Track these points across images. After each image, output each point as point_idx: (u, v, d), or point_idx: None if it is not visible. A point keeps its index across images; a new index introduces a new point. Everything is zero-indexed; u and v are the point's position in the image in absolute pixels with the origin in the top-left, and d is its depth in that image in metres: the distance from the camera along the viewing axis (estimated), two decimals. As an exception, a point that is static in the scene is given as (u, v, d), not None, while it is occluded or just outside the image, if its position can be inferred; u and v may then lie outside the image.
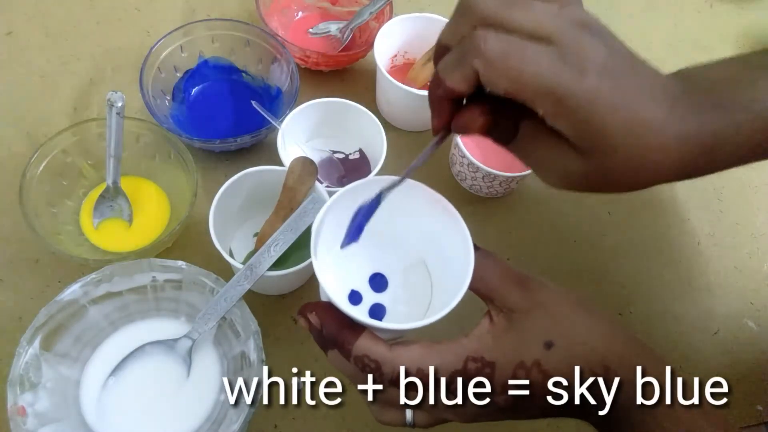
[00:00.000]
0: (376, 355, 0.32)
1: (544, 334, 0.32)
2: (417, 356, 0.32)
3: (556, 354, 0.32)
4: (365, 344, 0.33)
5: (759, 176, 0.75)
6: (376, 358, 0.32)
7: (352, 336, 0.33)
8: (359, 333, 0.33)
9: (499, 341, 0.33)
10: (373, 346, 0.33)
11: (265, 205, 0.57)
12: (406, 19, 0.69)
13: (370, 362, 0.33)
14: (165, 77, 0.65)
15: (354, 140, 0.66)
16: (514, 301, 0.33)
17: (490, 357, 0.32)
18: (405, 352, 0.32)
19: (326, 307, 0.35)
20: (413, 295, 0.40)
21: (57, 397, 0.48)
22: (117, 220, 0.60)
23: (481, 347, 0.32)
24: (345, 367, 0.35)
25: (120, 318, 0.53)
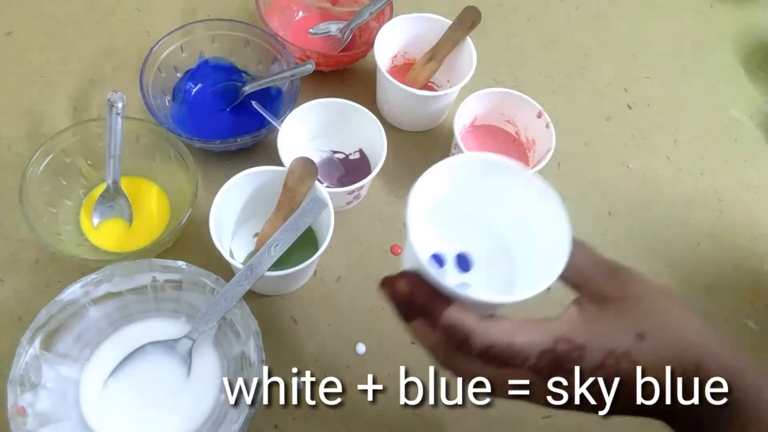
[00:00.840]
0: (466, 325, 0.32)
1: (636, 325, 0.32)
2: (507, 330, 0.32)
3: (648, 346, 0.31)
4: (455, 313, 0.32)
5: (759, 176, 0.75)
6: (466, 328, 0.32)
7: (442, 304, 0.33)
8: (449, 302, 0.33)
9: (590, 326, 0.32)
10: (464, 316, 0.32)
11: (265, 205, 0.57)
12: (406, 19, 0.69)
13: (460, 332, 0.32)
14: (165, 77, 0.65)
15: (354, 140, 0.66)
16: (606, 290, 0.33)
17: (581, 340, 0.32)
18: (495, 325, 0.32)
19: (417, 276, 0.34)
20: (496, 280, 0.40)
21: (57, 397, 0.48)
22: (117, 220, 0.60)
23: (571, 329, 0.32)
24: (428, 338, 0.35)
25: (120, 318, 0.53)
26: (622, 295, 0.33)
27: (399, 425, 0.55)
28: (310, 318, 0.59)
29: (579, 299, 0.34)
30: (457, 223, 0.39)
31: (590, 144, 0.73)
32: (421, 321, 0.34)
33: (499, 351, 0.32)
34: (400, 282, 0.35)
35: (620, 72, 0.81)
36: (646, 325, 0.32)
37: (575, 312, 0.33)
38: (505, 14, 0.83)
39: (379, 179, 0.67)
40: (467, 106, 0.65)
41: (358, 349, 0.57)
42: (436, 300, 0.33)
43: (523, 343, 0.32)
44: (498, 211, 0.39)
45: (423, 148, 0.70)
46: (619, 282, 0.33)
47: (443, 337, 0.33)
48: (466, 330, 0.32)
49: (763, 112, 0.80)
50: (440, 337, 0.34)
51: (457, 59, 0.69)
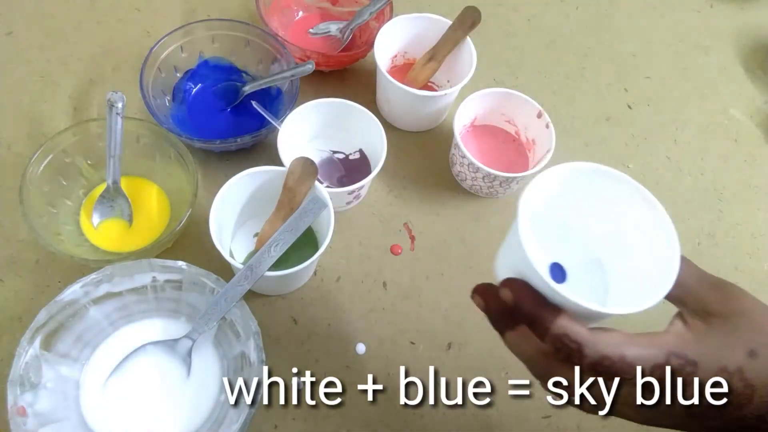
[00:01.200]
0: (577, 336, 0.31)
1: (747, 342, 0.31)
2: (619, 342, 0.31)
3: (760, 364, 0.31)
4: (566, 323, 0.32)
5: (759, 176, 0.75)
6: (578, 339, 0.31)
7: (552, 314, 0.32)
8: (559, 312, 0.32)
9: (701, 342, 0.32)
10: (575, 326, 0.32)
11: (265, 205, 0.57)
12: (406, 19, 0.69)
13: (571, 342, 0.31)
14: (165, 77, 0.65)
15: (354, 140, 0.66)
16: (711, 306, 0.33)
17: (693, 356, 0.31)
18: (607, 337, 0.31)
19: (524, 284, 0.34)
20: (589, 291, 0.39)
21: (57, 397, 0.48)
22: (117, 220, 0.60)
23: (682, 344, 0.32)
24: (527, 348, 0.34)
25: (120, 318, 0.53)
26: (727, 311, 0.32)
27: (399, 425, 0.55)
28: (310, 318, 0.59)
29: (682, 314, 0.34)
30: (551, 232, 0.39)
31: (590, 144, 0.73)
32: (520, 331, 0.34)
33: (611, 364, 0.31)
34: (504, 290, 0.34)
35: (620, 72, 0.81)
36: (757, 342, 0.31)
37: (681, 327, 0.33)
38: (505, 14, 0.84)
39: (379, 179, 0.67)
40: (467, 106, 0.65)
41: (358, 349, 0.57)
42: (545, 308, 0.32)
43: (634, 356, 0.31)
44: (592, 222, 0.39)
45: (423, 148, 0.70)
46: (724, 297, 0.33)
47: (551, 347, 0.33)
48: (577, 341, 0.31)
49: (763, 112, 0.80)
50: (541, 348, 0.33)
51: (457, 59, 0.69)
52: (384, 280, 0.61)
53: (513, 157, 0.68)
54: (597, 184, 0.36)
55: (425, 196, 0.67)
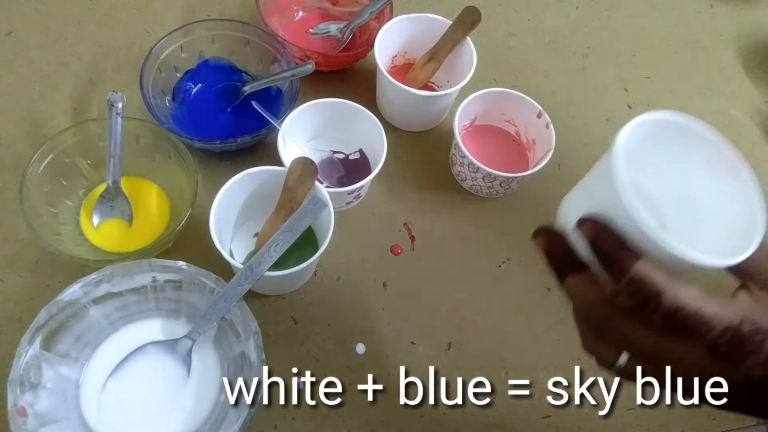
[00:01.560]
0: (658, 281, 0.30)
1: None
2: (698, 297, 0.30)
3: None
4: (648, 267, 0.30)
5: (759, 176, 0.75)
6: (658, 285, 0.30)
7: (634, 256, 0.31)
8: (639, 255, 0.31)
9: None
10: (656, 271, 0.30)
11: (265, 205, 0.57)
12: (406, 19, 0.69)
13: (650, 287, 0.30)
14: (165, 77, 0.65)
15: (354, 140, 0.66)
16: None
17: (765, 325, 0.30)
18: (686, 288, 0.30)
19: (603, 221, 0.32)
20: None
21: (57, 397, 0.48)
22: (117, 220, 0.60)
23: (755, 312, 0.31)
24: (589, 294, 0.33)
25: (120, 318, 0.53)
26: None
27: (399, 425, 0.55)
28: (310, 318, 0.59)
29: (748, 287, 0.33)
30: None
31: (590, 144, 0.73)
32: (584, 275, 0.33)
33: (686, 315, 0.30)
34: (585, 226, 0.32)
35: (620, 72, 0.81)
36: None
37: (748, 298, 0.33)
38: (505, 14, 0.84)
39: (379, 179, 0.66)
40: (467, 106, 0.65)
41: (358, 349, 0.58)
42: (626, 249, 0.31)
43: (711, 313, 0.30)
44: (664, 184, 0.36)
45: (423, 148, 0.70)
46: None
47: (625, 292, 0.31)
48: (657, 287, 0.30)
49: (763, 112, 0.80)
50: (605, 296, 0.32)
51: (457, 59, 0.69)
52: (384, 280, 0.61)
53: (513, 157, 0.68)
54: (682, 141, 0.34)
55: (425, 196, 0.67)
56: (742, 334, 0.30)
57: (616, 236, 0.31)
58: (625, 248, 0.31)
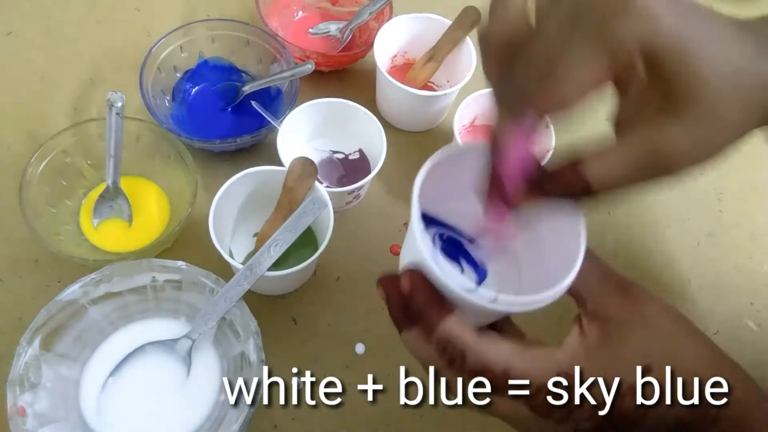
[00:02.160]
0: (462, 343, 0.29)
1: (643, 356, 0.29)
2: (506, 356, 0.29)
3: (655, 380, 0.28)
4: (452, 328, 0.29)
5: (759, 176, 0.75)
6: (462, 346, 0.29)
7: (440, 315, 0.30)
8: (447, 313, 0.30)
9: (592, 357, 0.29)
10: (461, 332, 0.29)
11: (265, 205, 0.57)
12: (406, 19, 0.69)
13: (454, 349, 0.29)
14: (165, 77, 0.65)
15: (354, 140, 0.66)
16: (611, 310, 0.30)
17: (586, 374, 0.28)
18: (494, 347, 0.29)
19: (420, 276, 0.31)
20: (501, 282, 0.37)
21: (57, 397, 0.48)
22: (117, 220, 0.60)
23: (572, 361, 0.29)
24: (419, 350, 0.31)
25: (120, 318, 0.53)
26: (628, 316, 0.30)
27: (399, 425, 0.55)
28: (310, 318, 0.59)
29: (580, 318, 0.31)
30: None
31: (590, 144, 0.73)
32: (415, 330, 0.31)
33: (492, 377, 0.29)
34: (404, 277, 0.31)
35: (620, 72, 0.81)
36: (654, 355, 0.29)
37: (576, 336, 0.30)
38: (505, 14, 0.83)
39: (379, 179, 0.66)
40: (467, 106, 0.65)
41: (357, 349, 0.57)
42: (434, 307, 0.30)
43: (519, 372, 0.28)
44: None
45: (423, 148, 0.70)
46: (625, 300, 0.31)
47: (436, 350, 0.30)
48: (461, 347, 0.29)
49: (763, 112, 0.80)
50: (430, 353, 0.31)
51: (457, 59, 0.69)
52: (384, 280, 0.61)
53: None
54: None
55: (425, 196, 0.67)
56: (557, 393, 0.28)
57: (429, 291, 0.30)
58: (435, 304, 0.30)
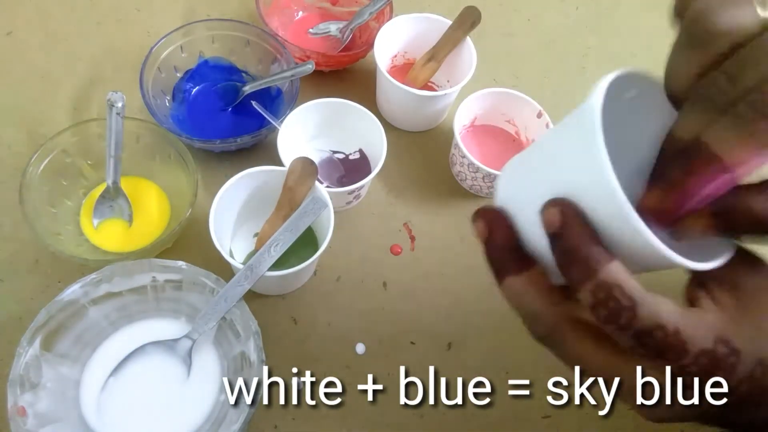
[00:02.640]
0: (633, 291, 0.25)
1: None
2: (675, 313, 0.25)
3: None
4: (622, 272, 0.25)
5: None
6: (634, 295, 0.25)
7: (606, 255, 0.25)
8: (612, 257, 0.25)
9: (739, 326, 0.26)
10: (631, 279, 0.25)
11: (265, 205, 0.57)
12: (406, 19, 0.69)
13: (624, 297, 0.25)
14: (165, 77, 0.65)
15: (354, 140, 0.66)
16: (740, 278, 0.27)
17: (738, 344, 0.26)
18: (664, 304, 0.25)
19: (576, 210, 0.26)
20: None
21: (57, 397, 0.48)
22: (117, 221, 0.60)
23: (725, 327, 0.26)
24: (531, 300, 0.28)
25: (120, 318, 0.53)
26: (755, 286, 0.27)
27: (399, 425, 0.55)
28: (310, 318, 0.59)
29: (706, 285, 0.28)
30: None
31: None
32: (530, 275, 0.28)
33: (663, 337, 0.25)
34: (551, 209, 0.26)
35: (620, 72, 0.81)
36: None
37: (712, 305, 0.27)
38: (505, 14, 0.83)
39: (379, 179, 0.67)
40: (467, 106, 0.65)
41: (357, 349, 0.57)
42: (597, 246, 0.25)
43: (690, 335, 0.25)
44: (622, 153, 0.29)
45: (423, 148, 0.70)
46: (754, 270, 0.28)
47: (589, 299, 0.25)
48: (633, 297, 0.25)
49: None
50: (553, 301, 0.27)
51: (457, 59, 0.69)
52: (384, 280, 0.61)
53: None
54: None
55: (425, 196, 0.67)
56: (717, 358, 0.25)
57: (588, 229, 0.26)
58: (597, 245, 0.25)
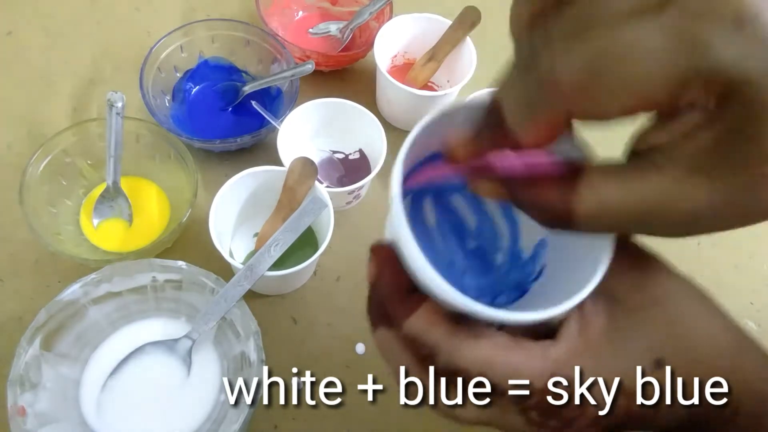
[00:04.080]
0: (431, 339, 0.24)
1: (654, 348, 0.24)
2: (485, 357, 0.24)
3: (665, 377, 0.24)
4: (420, 322, 0.24)
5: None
6: (431, 342, 0.24)
7: (406, 307, 0.25)
8: (417, 305, 0.25)
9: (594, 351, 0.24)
10: (431, 327, 0.24)
11: (265, 205, 0.57)
12: (406, 19, 0.69)
13: (424, 345, 0.24)
14: (165, 77, 0.65)
15: (354, 140, 0.66)
16: (621, 288, 0.25)
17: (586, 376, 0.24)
18: (470, 346, 0.24)
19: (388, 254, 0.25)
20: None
21: (57, 397, 0.48)
22: (117, 220, 0.60)
23: (571, 358, 0.24)
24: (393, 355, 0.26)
25: (120, 318, 0.53)
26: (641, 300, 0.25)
27: (399, 425, 0.55)
28: (310, 318, 0.59)
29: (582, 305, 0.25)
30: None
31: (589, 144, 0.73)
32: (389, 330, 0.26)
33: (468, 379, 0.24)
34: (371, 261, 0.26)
35: (620, 72, 0.81)
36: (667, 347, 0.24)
37: (575, 328, 0.25)
38: (505, 14, 0.83)
39: (379, 179, 0.66)
40: (467, 106, 0.65)
41: (357, 349, 0.57)
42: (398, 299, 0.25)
43: (501, 374, 0.23)
44: None
45: (423, 148, 0.70)
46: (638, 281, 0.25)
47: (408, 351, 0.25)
48: (430, 344, 0.24)
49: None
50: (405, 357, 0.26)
51: (457, 59, 0.69)
52: (384, 280, 0.61)
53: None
54: None
55: (425, 196, 0.67)
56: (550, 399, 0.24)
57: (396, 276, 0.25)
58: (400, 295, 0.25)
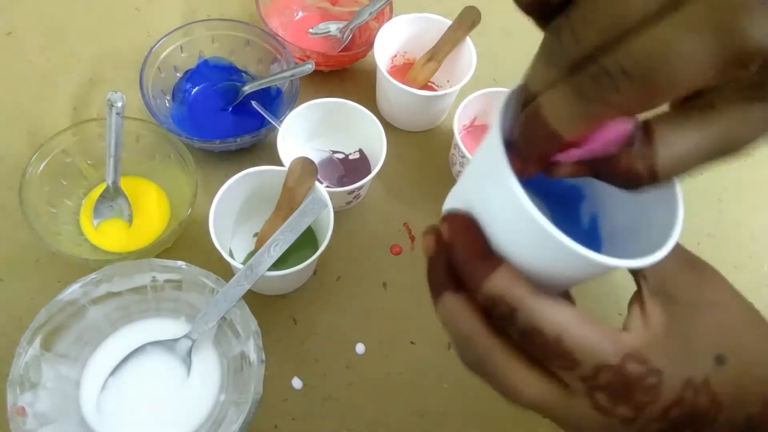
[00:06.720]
0: (513, 297, 0.24)
1: (715, 344, 0.24)
2: (567, 322, 0.24)
3: (727, 373, 0.24)
4: (504, 281, 0.24)
5: (759, 176, 0.75)
6: (513, 301, 0.24)
7: (487, 266, 0.25)
8: (497, 264, 0.25)
9: (663, 342, 0.24)
10: (515, 285, 0.24)
11: (265, 205, 0.57)
12: (406, 19, 0.69)
13: (505, 304, 0.24)
14: (165, 77, 0.65)
15: (354, 140, 0.66)
16: (679, 289, 0.26)
17: (657, 363, 0.24)
18: (551, 309, 0.24)
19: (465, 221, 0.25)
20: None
21: (57, 397, 0.48)
22: (117, 220, 0.60)
23: (643, 346, 0.24)
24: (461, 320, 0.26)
25: (120, 318, 0.53)
26: (695, 299, 0.26)
27: (399, 425, 0.55)
28: (310, 318, 0.59)
29: (640, 299, 0.26)
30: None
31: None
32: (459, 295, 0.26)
33: (543, 343, 0.24)
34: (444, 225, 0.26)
35: (620, 72, 0.81)
36: (726, 345, 0.24)
37: (639, 321, 0.25)
38: (505, 14, 0.83)
39: (379, 179, 0.67)
40: (467, 106, 0.65)
41: (357, 349, 0.57)
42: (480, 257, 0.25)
43: (576, 343, 0.23)
44: None
45: (423, 148, 0.70)
46: (696, 281, 0.26)
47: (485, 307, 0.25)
48: (512, 303, 0.24)
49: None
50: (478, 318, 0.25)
51: (457, 59, 0.69)
52: (384, 280, 0.61)
53: (513, 157, 0.68)
54: None
55: (425, 196, 0.67)
56: (627, 377, 0.23)
57: (475, 239, 0.25)
58: (480, 255, 0.25)
